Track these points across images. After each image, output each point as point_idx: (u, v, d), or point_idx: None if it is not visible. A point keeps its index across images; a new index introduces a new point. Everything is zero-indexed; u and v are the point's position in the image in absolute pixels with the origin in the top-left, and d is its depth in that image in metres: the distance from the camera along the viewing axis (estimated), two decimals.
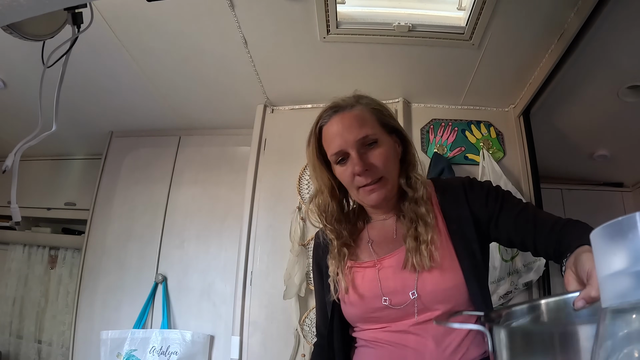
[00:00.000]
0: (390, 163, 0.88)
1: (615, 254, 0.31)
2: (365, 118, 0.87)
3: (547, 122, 2.17)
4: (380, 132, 0.88)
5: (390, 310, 0.85)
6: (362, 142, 0.85)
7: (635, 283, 0.29)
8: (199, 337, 2.06)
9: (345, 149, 0.86)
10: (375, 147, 0.86)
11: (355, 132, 0.85)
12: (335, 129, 0.87)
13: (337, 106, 0.89)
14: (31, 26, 0.85)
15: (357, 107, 0.89)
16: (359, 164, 0.84)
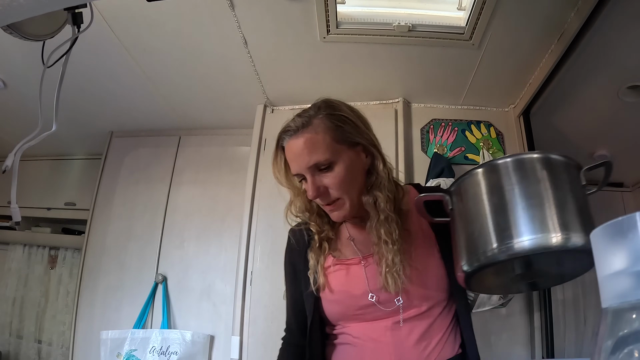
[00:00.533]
0: (347, 183, 0.85)
1: (615, 254, 0.31)
2: (316, 142, 0.83)
3: (547, 122, 2.17)
4: (337, 151, 0.84)
5: (376, 308, 0.87)
6: (314, 167, 0.83)
7: (635, 283, 0.29)
8: (199, 337, 2.06)
9: (301, 173, 0.85)
10: (329, 171, 0.84)
11: (305, 159, 0.83)
12: (289, 153, 0.86)
13: (290, 128, 0.85)
14: (31, 26, 0.85)
15: (309, 129, 0.84)
16: (311, 190, 0.83)
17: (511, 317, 1.80)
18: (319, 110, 0.87)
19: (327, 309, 0.93)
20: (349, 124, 0.88)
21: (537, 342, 1.74)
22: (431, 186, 1.01)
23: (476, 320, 1.79)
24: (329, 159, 0.83)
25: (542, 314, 1.76)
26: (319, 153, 0.83)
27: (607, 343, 0.30)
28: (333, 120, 0.86)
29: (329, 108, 0.88)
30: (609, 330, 0.31)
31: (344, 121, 0.87)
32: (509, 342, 1.78)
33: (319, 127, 0.84)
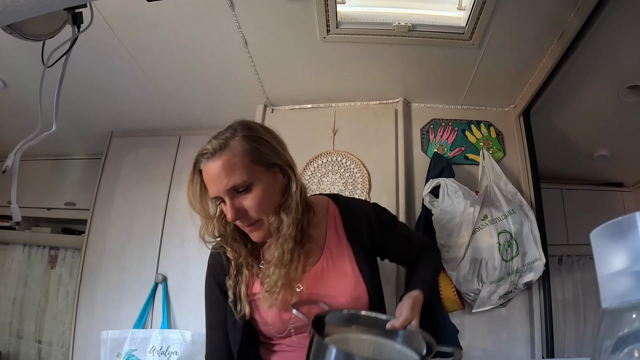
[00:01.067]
0: (265, 204, 0.86)
1: (615, 253, 0.31)
2: (233, 164, 0.83)
3: (547, 122, 2.17)
4: (254, 173, 0.85)
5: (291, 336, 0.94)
6: (232, 189, 0.84)
7: (635, 283, 0.29)
8: (199, 337, 2.06)
9: (219, 196, 0.85)
10: (247, 193, 0.85)
11: (223, 182, 0.83)
12: (207, 176, 0.86)
13: (207, 151, 0.85)
14: (31, 26, 0.85)
15: (226, 151, 0.84)
16: (230, 213, 0.84)
17: (511, 317, 1.80)
18: (236, 132, 0.87)
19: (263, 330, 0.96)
20: (265, 145, 0.88)
21: (537, 342, 1.74)
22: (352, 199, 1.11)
23: (476, 320, 1.80)
24: (246, 181, 0.84)
25: (542, 314, 1.76)
26: (237, 175, 0.83)
27: (607, 343, 0.30)
28: (250, 142, 0.86)
29: (245, 129, 0.88)
30: (609, 330, 0.31)
31: (261, 142, 0.88)
32: (509, 342, 1.78)
33: (236, 149, 0.84)
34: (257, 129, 0.90)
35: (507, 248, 1.69)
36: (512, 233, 1.71)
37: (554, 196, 2.68)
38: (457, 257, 1.69)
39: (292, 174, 0.91)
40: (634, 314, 0.29)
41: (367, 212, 1.00)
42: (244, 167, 0.84)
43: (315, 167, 2.01)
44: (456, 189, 1.75)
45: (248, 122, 0.92)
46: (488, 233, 1.71)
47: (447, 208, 1.72)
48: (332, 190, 1.95)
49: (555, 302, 2.06)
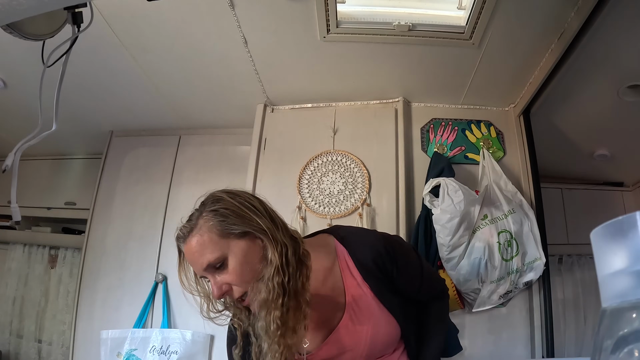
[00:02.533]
0: (246, 275, 0.83)
1: (615, 253, 0.31)
2: (203, 243, 0.82)
3: (547, 121, 2.17)
4: (225, 246, 0.82)
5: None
6: (209, 267, 0.82)
7: (635, 282, 0.29)
8: (199, 336, 2.06)
9: (201, 275, 0.85)
10: (224, 268, 0.82)
11: (199, 263, 0.82)
12: (187, 258, 0.86)
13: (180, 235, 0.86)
14: (31, 26, 0.85)
15: (194, 232, 0.83)
16: (214, 292, 0.83)
17: (511, 316, 1.81)
18: (204, 207, 0.87)
19: None
20: (230, 215, 0.84)
21: (537, 341, 1.74)
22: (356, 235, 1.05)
23: (476, 319, 1.80)
24: (219, 257, 0.82)
25: (542, 313, 1.76)
26: (208, 253, 0.81)
27: (607, 343, 0.30)
28: (215, 216, 0.84)
29: (213, 203, 0.87)
30: (609, 330, 0.31)
31: (225, 214, 0.84)
32: (509, 342, 1.78)
33: (203, 227, 0.83)
34: (223, 199, 0.87)
35: (507, 247, 1.70)
36: (512, 232, 1.71)
37: (554, 196, 2.68)
38: (457, 256, 1.69)
39: (266, 237, 0.85)
40: (634, 313, 0.29)
41: (376, 246, 0.94)
42: (214, 244, 0.82)
43: (315, 167, 2.01)
44: (456, 189, 1.75)
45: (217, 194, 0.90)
46: (488, 232, 1.71)
47: (447, 207, 1.72)
48: (332, 189, 1.95)
49: (555, 301, 2.06)
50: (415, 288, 0.99)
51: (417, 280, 0.99)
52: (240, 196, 0.90)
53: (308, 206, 1.95)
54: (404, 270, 0.95)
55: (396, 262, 0.93)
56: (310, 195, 1.97)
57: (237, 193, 0.91)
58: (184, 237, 0.85)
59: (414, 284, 0.99)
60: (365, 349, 0.91)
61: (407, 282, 0.97)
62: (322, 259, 0.91)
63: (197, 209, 0.89)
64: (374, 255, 0.92)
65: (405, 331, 0.94)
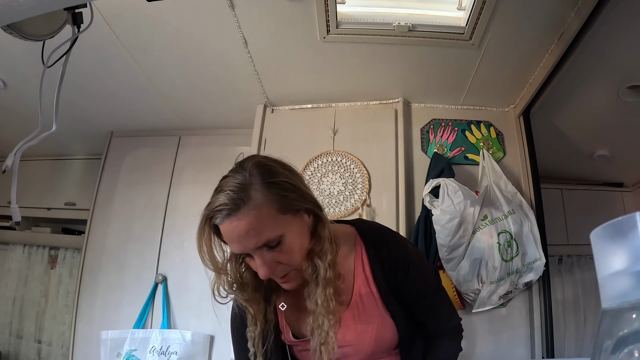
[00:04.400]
0: (297, 253, 0.79)
1: (615, 253, 0.31)
2: (262, 219, 0.73)
3: (547, 122, 2.17)
4: (283, 223, 0.76)
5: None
6: (263, 246, 0.76)
7: (635, 283, 0.29)
8: (199, 337, 2.06)
9: (246, 252, 0.78)
10: (279, 246, 0.76)
11: (253, 241, 0.74)
12: (230, 234, 0.76)
13: (227, 207, 0.74)
14: (31, 26, 0.85)
15: (249, 206, 0.73)
16: (263, 271, 0.77)
17: (511, 317, 1.80)
18: (253, 177, 0.76)
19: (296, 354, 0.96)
20: (291, 190, 0.78)
21: (537, 342, 1.74)
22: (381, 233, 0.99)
23: (476, 320, 1.80)
24: (278, 235, 0.75)
25: (542, 314, 1.76)
26: (268, 231, 0.74)
27: (607, 343, 0.30)
28: (274, 190, 0.76)
29: (265, 174, 0.77)
30: (609, 330, 0.31)
31: (286, 189, 0.78)
32: (509, 342, 1.78)
33: (260, 201, 0.74)
34: (277, 172, 0.80)
35: (507, 248, 1.69)
36: (512, 233, 1.71)
37: (554, 196, 2.68)
38: (457, 257, 1.69)
39: (322, 214, 0.83)
40: (634, 314, 0.29)
41: (394, 252, 0.91)
42: (273, 220, 0.75)
43: (315, 167, 2.01)
44: (456, 189, 1.75)
45: (264, 162, 0.82)
46: (488, 233, 1.71)
47: (447, 208, 1.72)
48: (332, 190, 1.95)
49: (555, 302, 2.06)
50: (421, 310, 0.94)
51: (426, 302, 0.94)
52: (291, 169, 0.84)
53: None
54: (413, 286, 0.91)
55: (408, 275, 0.90)
56: None
57: (285, 164, 0.84)
58: (232, 210, 0.74)
59: (422, 305, 0.94)
60: (369, 347, 0.90)
61: (414, 300, 0.92)
62: (341, 247, 0.87)
63: (243, 177, 0.77)
64: (389, 259, 0.90)
65: (403, 340, 0.92)
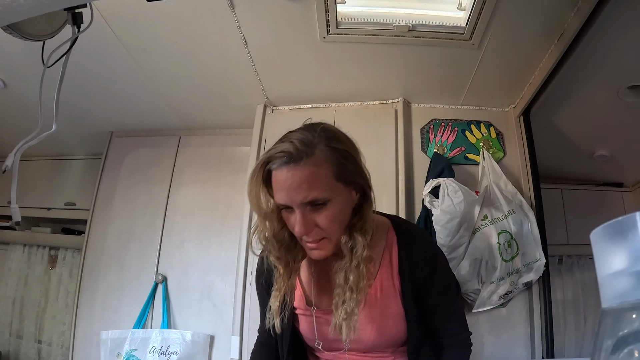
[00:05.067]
0: (337, 223, 0.80)
1: (615, 253, 0.31)
2: (318, 176, 0.75)
3: (547, 122, 2.17)
4: (334, 189, 0.77)
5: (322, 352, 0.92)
6: (309, 203, 0.76)
7: (635, 283, 0.29)
8: (199, 337, 2.06)
9: (290, 205, 0.77)
10: (322, 209, 0.77)
11: (303, 194, 0.75)
12: (282, 182, 0.76)
13: (289, 155, 0.75)
14: (31, 26, 0.85)
15: (312, 160, 0.75)
16: (300, 227, 0.77)
17: (511, 317, 1.80)
18: (320, 138, 0.78)
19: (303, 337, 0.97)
20: (351, 161, 0.81)
21: (537, 342, 1.74)
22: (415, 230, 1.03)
23: (476, 320, 1.80)
24: (326, 198, 0.76)
25: (542, 314, 1.76)
26: (319, 190, 0.75)
27: (607, 343, 0.30)
28: (336, 155, 0.78)
29: (331, 139, 0.80)
30: (609, 330, 0.31)
31: (347, 157, 0.80)
32: (509, 342, 1.78)
33: (322, 160, 0.76)
34: (342, 140, 0.82)
35: (507, 248, 1.69)
36: (512, 233, 1.71)
37: (554, 196, 2.68)
38: (457, 257, 1.69)
39: (370, 193, 0.84)
40: (634, 314, 0.29)
41: (425, 248, 0.92)
42: (327, 182, 0.76)
43: None
44: (456, 189, 1.75)
45: (332, 128, 0.83)
46: (488, 233, 1.71)
47: (447, 208, 1.72)
48: None
49: (555, 302, 2.06)
50: (438, 315, 0.94)
51: (443, 308, 0.95)
52: (353, 144, 0.85)
53: None
54: (435, 288, 0.91)
55: (434, 275, 0.91)
56: None
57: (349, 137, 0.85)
58: (294, 159, 0.75)
59: (439, 309, 0.94)
60: (373, 338, 0.90)
61: (433, 304, 0.92)
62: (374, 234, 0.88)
63: (311, 135, 0.78)
64: (419, 255, 0.90)
65: (412, 341, 0.91)
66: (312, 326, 0.92)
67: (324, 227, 0.78)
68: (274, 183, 0.78)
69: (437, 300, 0.93)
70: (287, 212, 0.80)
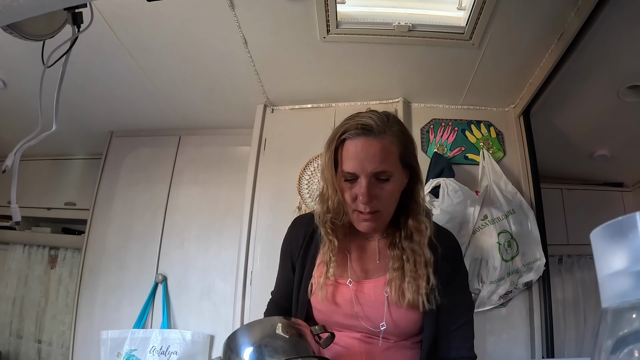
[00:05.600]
0: (393, 199, 0.88)
1: (615, 253, 0.31)
2: (390, 152, 0.84)
3: (547, 122, 2.17)
4: (397, 168, 0.87)
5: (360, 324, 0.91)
6: (377, 174, 0.84)
7: (635, 283, 0.29)
8: (199, 337, 2.06)
9: (358, 174, 0.84)
10: (386, 183, 0.85)
11: (375, 164, 0.82)
12: (357, 151, 0.83)
13: (368, 127, 0.83)
14: (31, 26, 0.85)
15: (387, 136, 0.84)
16: (365, 196, 0.83)
17: (511, 317, 1.80)
18: (393, 122, 0.88)
19: (314, 314, 0.96)
20: (412, 147, 0.91)
21: (537, 342, 1.74)
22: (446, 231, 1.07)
23: (476, 320, 1.80)
24: (391, 173, 0.85)
25: (542, 314, 1.76)
26: (389, 164, 0.84)
27: (607, 343, 0.30)
28: (405, 139, 0.88)
29: (401, 124, 0.90)
30: (609, 330, 0.31)
31: (411, 143, 0.90)
32: (509, 342, 1.78)
33: (394, 139, 0.86)
34: (407, 130, 0.92)
35: (507, 248, 1.70)
36: (512, 233, 1.71)
37: (554, 196, 2.68)
38: None
39: (421, 177, 0.93)
40: (634, 314, 0.29)
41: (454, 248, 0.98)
42: (395, 159, 0.85)
43: (315, 167, 2.01)
44: (456, 189, 1.75)
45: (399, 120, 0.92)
46: (488, 233, 1.71)
47: (447, 208, 1.72)
48: None
49: (555, 302, 2.06)
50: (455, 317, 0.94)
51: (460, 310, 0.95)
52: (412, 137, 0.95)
53: (308, 207, 1.95)
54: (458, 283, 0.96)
55: (458, 269, 0.96)
56: (310, 195, 1.97)
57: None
58: (374, 133, 0.83)
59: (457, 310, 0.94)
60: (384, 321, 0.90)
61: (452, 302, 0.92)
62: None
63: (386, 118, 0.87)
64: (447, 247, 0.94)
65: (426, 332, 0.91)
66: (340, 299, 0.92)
67: (383, 200, 0.86)
68: (346, 152, 0.85)
69: (456, 298, 0.93)
70: (349, 183, 0.86)
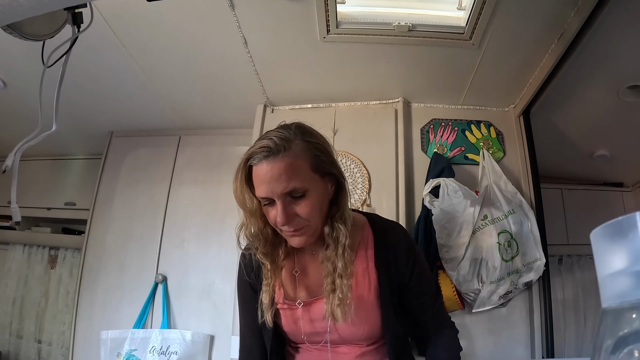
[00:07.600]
0: (316, 212, 0.85)
1: (615, 253, 0.31)
2: (296, 167, 0.81)
3: (547, 122, 2.17)
4: (311, 180, 0.83)
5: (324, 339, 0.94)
6: (288, 193, 0.81)
7: (635, 283, 0.29)
8: (199, 337, 2.06)
9: (271, 197, 0.82)
10: (302, 199, 0.83)
11: (282, 185, 0.80)
12: (263, 175, 0.81)
13: (268, 150, 0.81)
14: (31, 26, 0.85)
15: (289, 153, 0.81)
16: (282, 217, 0.81)
17: (511, 317, 1.80)
18: (295, 133, 0.85)
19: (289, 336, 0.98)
20: (325, 154, 0.87)
21: (537, 342, 1.74)
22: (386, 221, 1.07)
23: (476, 320, 1.80)
24: (304, 188, 0.82)
25: (542, 314, 1.76)
26: (297, 180, 0.81)
27: (607, 343, 0.30)
28: (311, 148, 0.85)
29: (305, 134, 0.86)
30: (609, 330, 0.31)
31: (321, 150, 0.87)
32: (509, 342, 1.78)
33: (299, 152, 0.82)
34: (315, 135, 0.89)
35: (507, 248, 1.69)
36: (512, 233, 1.71)
37: (554, 196, 2.68)
38: (457, 257, 1.69)
39: (345, 184, 0.91)
40: (634, 314, 0.29)
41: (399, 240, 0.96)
42: (305, 173, 0.82)
43: None
44: (456, 189, 1.75)
45: (304, 125, 0.89)
46: (488, 233, 1.71)
47: (447, 208, 1.72)
48: None
49: (555, 302, 2.06)
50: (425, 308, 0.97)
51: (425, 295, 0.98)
52: (325, 139, 0.91)
53: None
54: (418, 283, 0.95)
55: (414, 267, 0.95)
56: None
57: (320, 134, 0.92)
58: (273, 152, 0.81)
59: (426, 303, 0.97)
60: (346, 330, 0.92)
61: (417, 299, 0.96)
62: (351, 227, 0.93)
63: (287, 132, 0.84)
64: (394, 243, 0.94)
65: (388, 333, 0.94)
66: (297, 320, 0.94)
67: (304, 216, 0.84)
68: (255, 178, 0.84)
69: (421, 293, 0.96)
70: (268, 207, 0.85)
